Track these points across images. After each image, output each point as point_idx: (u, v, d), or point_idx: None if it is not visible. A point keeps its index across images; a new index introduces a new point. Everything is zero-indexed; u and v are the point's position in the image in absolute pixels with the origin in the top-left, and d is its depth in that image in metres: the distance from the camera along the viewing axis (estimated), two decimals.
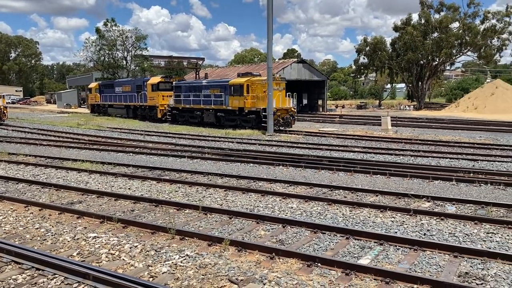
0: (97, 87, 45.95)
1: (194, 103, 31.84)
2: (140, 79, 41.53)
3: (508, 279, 5.60)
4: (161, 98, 35.46)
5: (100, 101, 45.20)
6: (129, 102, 40.06)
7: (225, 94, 28.90)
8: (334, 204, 9.34)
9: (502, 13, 48.70)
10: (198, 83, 32.76)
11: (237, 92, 27.83)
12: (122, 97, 40.97)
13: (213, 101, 30.12)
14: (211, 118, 30.60)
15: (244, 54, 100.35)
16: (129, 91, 39.87)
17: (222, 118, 29.85)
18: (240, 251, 6.55)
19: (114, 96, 42.32)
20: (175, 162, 15.38)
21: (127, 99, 40.14)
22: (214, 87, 30.65)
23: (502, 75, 74.47)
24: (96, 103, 46.37)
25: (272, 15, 25.55)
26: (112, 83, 44.42)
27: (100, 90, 45.36)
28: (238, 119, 28.50)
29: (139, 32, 56.49)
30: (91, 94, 47.46)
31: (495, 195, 10.09)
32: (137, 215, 8.72)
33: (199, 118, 31.79)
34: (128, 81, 42.48)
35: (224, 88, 29.23)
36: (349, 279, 5.58)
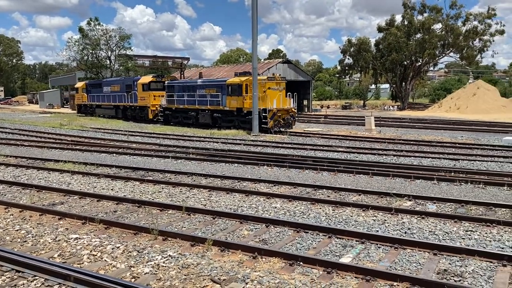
0: (84, 87, 44.54)
1: (189, 104, 30.79)
2: (130, 78, 40.34)
3: (485, 275, 5.72)
4: (153, 98, 34.38)
5: (88, 101, 43.83)
6: (118, 102, 38.79)
7: (222, 94, 28.05)
8: (317, 203, 9.41)
9: (484, 14, 49.57)
10: (192, 83, 31.76)
11: (235, 92, 26.94)
12: (110, 97, 39.63)
13: (209, 101, 29.17)
14: (207, 119, 29.53)
15: (229, 54, 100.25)
16: (118, 91, 38.67)
17: (219, 119, 28.84)
18: (223, 251, 6.56)
19: (102, 96, 40.98)
20: (159, 163, 15.30)
21: (116, 99, 38.88)
22: (210, 86, 29.69)
23: (484, 76, 75.86)
24: (83, 103, 45.00)
25: (256, 15, 25.61)
26: (100, 82, 43.08)
27: (87, 90, 44.00)
28: (236, 120, 27.45)
29: (123, 31, 56.04)
30: (77, 94, 46.06)
31: (475, 193, 10.28)
32: (120, 216, 8.66)
33: (193, 119, 30.69)
34: (117, 80, 41.12)
35: (221, 88, 28.39)
36: (330, 278, 5.64)
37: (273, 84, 25.96)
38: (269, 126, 25.07)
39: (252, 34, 25.76)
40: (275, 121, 25.27)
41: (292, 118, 26.39)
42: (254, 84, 24.99)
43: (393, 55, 51.01)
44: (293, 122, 26.68)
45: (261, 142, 20.92)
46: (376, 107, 61.17)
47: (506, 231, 7.47)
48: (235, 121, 27.58)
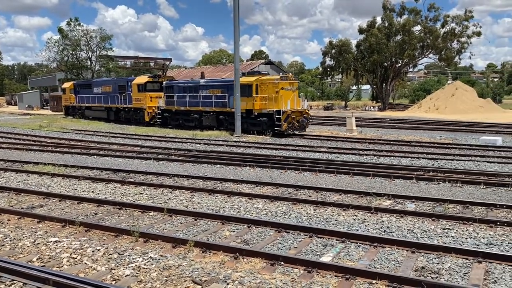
0: (71, 87, 42.28)
1: (191, 105, 28.97)
2: (124, 78, 38.56)
3: (461, 272, 5.87)
4: (149, 99, 32.44)
5: (76, 103, 41.52)
6: (110, 104, 36.60)
7: (229, 95, 26.26)
8: (299, 203, 9.49)
9: (461, 17, 50.57)
10: (195, 83, 29.96)
11: (244, 93, 24.99)
12: (102, 98, 37.48)
13: (214, 102, 27.43)
14: (211, 121, 27.64)
15: (212, 55, 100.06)
16: (110, 91, 36.61)
17: (225, 121, 27.06)
18: (204, 252, 6.58)
19: (93, 97, 38.79)
20: (141, 164, 15.20)
21: (108, 101, 36.73)
22: (215, 87, 27.90)
23: (462, 77, 77.35)
24: (71, 105, 42.52)
25: (238, 16, 25.64)
26: (90, 82, 40.85)
27: (75, 91, 41.73)
28: (245, 122, 25.51)
29: (104, 32, 55.48)
30: (64, 95, 43.69)
31: (452, 192, 10.50)
32: (101, 218, 8.59)
33: (196, 122, 28.81)
34: (108, 80, 39.26)
35: (227, 88, 26.71)
36: (311, 277, 5.71)
37: (286, 84, 24.40)
38: (283, 129, 23.55)
39: (234, 35, 25.81)
40: (289, 124, 23.71)
41: (306, 121, 24.88)
42: (236, 84, 24.96)
43: (374, 57, 51.63)
44: (307, 125, 25.18)
45: (243, 143, 20.95)
46: (358, 108, 61.78)
47: (482, 229, 7.67)
48: (243, 123, 25.64)
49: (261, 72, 28.27)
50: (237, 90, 24.82)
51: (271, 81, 24.64)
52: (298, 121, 24.28)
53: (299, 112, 24.42)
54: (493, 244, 6.93)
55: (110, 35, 56.01)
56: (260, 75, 26.63)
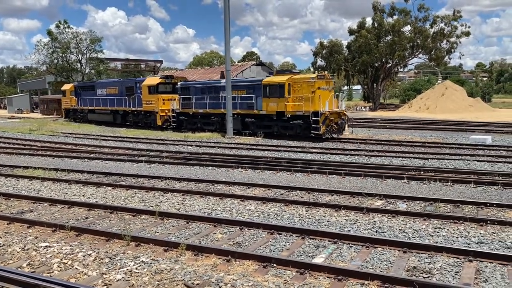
0: (72, 89, 40.65)
1: (211, 107, 27.15)
2: (132, 79, 36.79)
3: (452, 271, 5.90)
4: (161, 102, 30.38)
5: (77, 105, 39.81)
6: (117, 107, 34.57)
7: (257, 96, 24.51)
8: (291, 204, 9.49)
9: (450, 17, 51.01)
10: (215, 83, 27.96)
11: (275, 93, 23.32)
12: (107, 100, 35.51)
13: (239, 104, 25.41)
14: (236, 124, 25.54)
15: (202, 57, 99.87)
16: (116, 93, 34.68)
17: (251, 125, 25.18)
18: (196, 255, 6.55)
19: (97, 100, 36.84)
20: (132, 167, 15.12)
21: (114, 103, 34.70)
22: (239, 87, 25.84)
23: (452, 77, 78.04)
24: (72, 108, 40.89)
25: (229, 18, 25.62)
26: (93, 84, 38.95)
27: (76, 93, 40.13)
28: (276, 125, 23.97)
29: (94, 34, 55.17)
30: (65, 97, 42.11)
31: (443, 191, 10.57)
32: (91, 223, 8.53)
33: (217, 125, 26.93)
34: (114, 82, 37.35)
35: (254, 88, 24.87)
36: (303, 278, 5.71)
37: (323, 83, 22.51)
38: (321, 132, 21.73)
39: (225, 36, 25.77)
40: (327, 126, 21.91)
41: (344, 122, 23.24)
42: (227, 86, 24.93)
43: (364, 57, 51.90)
44: (344, 127, 23.39)
45: (235, 145, 20.93)
46: (349, 108, 61.95)
47: (472, 228, 7.72)
48: (273, 126, 24.13)
49: (292, 71, 26.10)
50: (229, 92, 24.78)
51: (306, 80, 22.73)
52: (337, 123, 22.46)
53: (336, 114, 22.66)
54: (484, 243, 6.98)
55: (100, 37, 55.80)
56: (292, 73, 24.58)
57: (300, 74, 24.68)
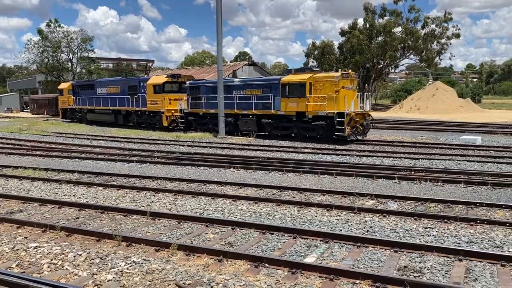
0: (70, 88, 39.21)
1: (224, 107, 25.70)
2: (135, 78, 35.63)
3: (442, 270, 5.95)
4: (167, 102, 29.09)
5: (75, 105, 38.32)
6: (119, 107, 33.17)
7: (274, 96, 23.21)
8: (283, 204, 9.50)
9: (441, 18, 51.49)
10: (228, 82, 26.47)
11: (295, 93, 22.06)
12: (108, 100, 34.10)
13: (254, 104, 24.20)
14: (250, 125, 24.47)
15: (194, 56, 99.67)
16: (118, 93, 33.37)
17: (268, 126, 23.85)
18: (188, 255, 6.53)
19: (97, 99, 35.45)
20: (123, 167, 15.04)
21: (116, 103, 33.35)
22: (254, 87, 24.64)
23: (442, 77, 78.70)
24: (69, 107, 39.41)
25: (221, 18, 25.59)
26: (93, 83, 37.59)
27: (74, 92, 38.69)
28: (296, 127, 22.77)
29: (85, 33, 54.86)
30: (62, 96, 40.73)
31: (433, 191, 10.65)
32: (82, 223, 8.47)
33: (230, 126, 25.53)
34: (116, 80, 35.74)
35: (271, 87, 23.56)
36: (295, 278, 5.71)
37: (348, 82, 21.23)
38: (346, 134, 20.47)
39: (217, 36, 25.72)
40: (352, 128, 20.72)
41: (370, 124, 22.02)
42: (219, 86, 24.90)
43: (356, 58, 52.24)
44: (369, 129, 22.16)
45: (227, 145, 20.91)
46: None
47: (462, 227, 7.79)
48: (293, 128, 22.96)
49: (312, 69, 24.62)
50: (221, 91, 24.73)
51: (329, 78, 21.37)
52: (362, 124, 21.23)
53: (361, 115, 21.32)
54: (474, 242, 7.04)
55: (91, 37, 55.52)
56: (313, 71, 23.22)
57: (322, 73, 23.45)
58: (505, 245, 6.90)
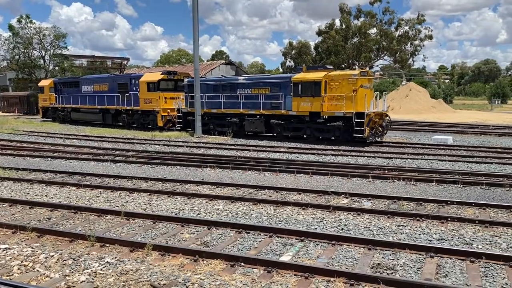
0: (51, 85, 37.03)
1: (227, 107, 24.36)
2: (125, 75, 33.42)
3: (414, 267, 6.08)
4: (163, 100, 27.47)
5: (57, 103, 36.24)
6: (107, 105, 31.27)
7: (285, 95, 21.91)
8: (259, 203, 9.53)
9: (414, 20, 52.56)
10: (231, 80, 25.21)
11: (308, 92, 20.80)
12: (95, 98, 32.20)
13: (262, 103, 22.72)
14: (258, 126, 23.10)
15: (170, 55, 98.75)
16: (106, 90, 31.50)
17: (278, 127, 22.48)
18: (163, 255, 6.48)
19: (82, 97, 33.46)
20: (97, 167, 14.79)
21: (104, 102, 31.42)
22: (261, 85, 23.24)
23: (415, 78, 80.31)
24: (51, 106, 37.25)
25: (197, 16, 25.44)
26: (78, 80, 35.29)
27: (56, 89, 36.56)
28: (308, 128, 21.55)
29: (58, 30, 53.51)
30: (42, 94, 38.41)
31: (406, 190, 10.87)
32: (54, 223, 8.29)
33: (235, 127, 24.21)
34: (103, 78, 33.67)
35: (280, 86, 22.32)
36: (270, 277, 5.74)
37: (366, 80, 20.35)
38: (365, 136, 19.53)
39: (193, 35, 25.56)
40: (371, 129, 19.76)
41: (389, 125, 21.13)
42: (196, 84, 24.75)
43: (332, 58, 52.76)
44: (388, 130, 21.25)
45: (204, 144, 20.81)
46: None
47: (434, 225, 7.98)
48: (305, 129, 21.74)
49: (326, 66, 23.29)
50: (197, 90, 24.58)
51: (347, 77, 20.23)
52: (381, 125, 20.31)
53: (379, 115, 20.26)
54: (444, 239, 7.22)
55: (64, 34, 54.15)
56: (327, 69, 21.93)
57: (337, 71, 22.68)
58: (474, 241, 7.10)
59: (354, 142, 20.18)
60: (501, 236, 7.33)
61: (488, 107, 67.00)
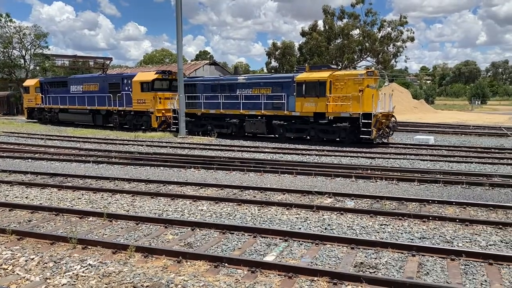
0: (37, 85, 35.88)
1: (226, 108, 23.76)
2: (117, 75, 32.22)
3: (396, 266, 6.15)
4: (157, 101, 26.78)
5: (44, 104, 35.15)
6: (98, 106, 30.48)
7: (288, 95, 21.44)
8: (243, 204, 9.52)
9: (396, 22, 53.15)
10: (230, 80, 24.56)
11: (313, 92, 20.37)
12: (85, 98, 31.31)
13: (263, 104, 22.25)
14: (259, 127, 22.62)
15: (153, 55, 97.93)
16: (96, 90, 30.71)
17: (280, 128, 22.03)
18: (146, 257, 6.42)
19: (71, 98, 32.50)
20: (79, 168, 14.60)
21: (95, 102, 30.60)
22: (262, 85, 22.74)
23: (398, 79, 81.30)
24: (36, 107, 36.05)
25: (181, 16, 25.30)
26: (66, 80, 34.26)
27: (43, 89, 35.38)
28: (313, 129, 21.10)
29: (39, 29, 52.59)
30: (28, 94, 37.24)
31: (389, 189, 10.99)
32: (35, 226, 8.15)
33: (234, 128, 23.81)
34: (93, 77, 32.73)
35: (282, 86, 21.86)
36: (254, 277, 5.74)
37: (372, 80, 20.08)
38: (372, 137, 19.29)
39: (177, 35, 25.42)
40: (378, 130, 19.52)
41: (395, 125, 20.93)
42: (179, 84, 24.63)
43: (315, 59, 53.00)
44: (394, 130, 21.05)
45: (188, 145, 20.72)
46: None
47: (416, 224, 8.09)
48: (309, 130, 21.28)
49: (330, 66, 23.07)
50: (181, 90, 24.48)
51: (352, 76, 19.89)
52: (388, 126, 20.07)
53: (385, 116, 20.02)
54: (426, 238, 7.33)
55: (45, 33, 53.23)
56: (331, 69, 21.68)
57: (342, 70, 22.46)
58: (454, 240, 7.23)
59: (360, 143, 19.95)
60: (480, 234, 7.47)
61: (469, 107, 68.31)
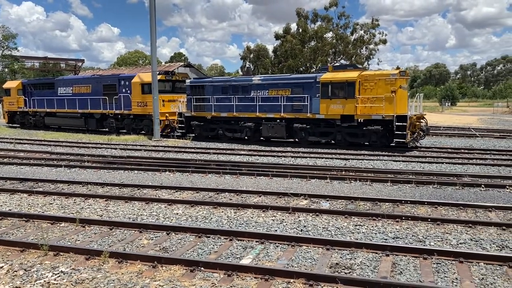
0: (19, 87, 33.50)
1: (239, 110, 22.25)
2: (113, 76, 29.44)
3: (371, 265, 6.25)
4: (160, 103, 25.00)
5: (27, 107, 32.90)
6: (91, 109, 28.53)
7: (311, 97, 20.17)
8: (219, 207, 9.49)
9: (369, 25, 54.10)
10: (244, 81, 22.85)
11: (340, 93, 19.26)
12: (75, 101, 29.39)
13: (283, 106, 20.90)
14: (278, 131, 21.15)
15: (127, 56, 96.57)
16: (88, 93, 28.80)
17: (302, 132, 20.69)
18: (120, 262, 6.32)
19: (59, 100, 30.47)
20: (50, 172, 14.25)
21: (88, 105, 28.63)
22: (280, 86, 21.29)
23: None
24: (19, 110, 33.78)
25: (155, 18, 25.07)
26: (52, 81, 32.24)
27: (26, 92, 33.16)
28: (339, 132, 19.86)
29: (7, 30, 51.27)
30: (9, 97, 34.75)
31: (363, 190, 11.16)
32: (4, 233, 7.90)
33: (249, 132, 22.20)
34: (85, 79, 30.80)
35: (303, 87, 20.53)
36: (231, 280, 5.73)
37: (404, 81, 19.13)
38: (407, 141, 18.31)
39: (150, 36, 25.17)
40: (412, 133, 18.66)
41: (428, 128, 19.93)
42: (153, 86, 24.36)
43: (289, 62, 53.40)
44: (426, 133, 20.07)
45: (163, 148, 20.51)
46: None
47: (389, 224, 8.23)
48: (335, 133, 20.06)
49: (356, 65, 21.86)
50: (155, 93, 24.21)
51: (384, 77, 18.59)
52: (421, 129, 19.16)
53: (417, 118, 19.12)
54: (399, 238, 7.47)
55: (14, 34, 51.99)
56: (359, 69, 20.57)
57: (371, 70, 20.84)
58: (427, 239, 7.39)
59: (392, 148, 19.26)
60: (451, 233, 7.66)
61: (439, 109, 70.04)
